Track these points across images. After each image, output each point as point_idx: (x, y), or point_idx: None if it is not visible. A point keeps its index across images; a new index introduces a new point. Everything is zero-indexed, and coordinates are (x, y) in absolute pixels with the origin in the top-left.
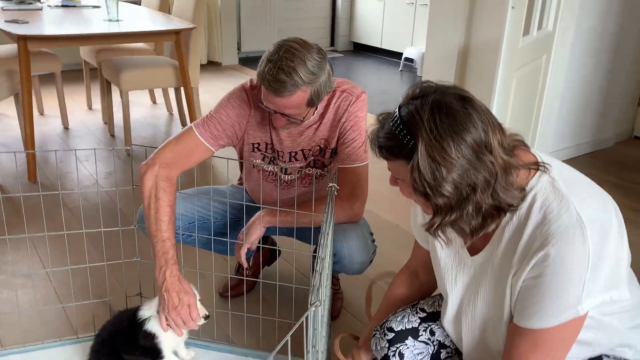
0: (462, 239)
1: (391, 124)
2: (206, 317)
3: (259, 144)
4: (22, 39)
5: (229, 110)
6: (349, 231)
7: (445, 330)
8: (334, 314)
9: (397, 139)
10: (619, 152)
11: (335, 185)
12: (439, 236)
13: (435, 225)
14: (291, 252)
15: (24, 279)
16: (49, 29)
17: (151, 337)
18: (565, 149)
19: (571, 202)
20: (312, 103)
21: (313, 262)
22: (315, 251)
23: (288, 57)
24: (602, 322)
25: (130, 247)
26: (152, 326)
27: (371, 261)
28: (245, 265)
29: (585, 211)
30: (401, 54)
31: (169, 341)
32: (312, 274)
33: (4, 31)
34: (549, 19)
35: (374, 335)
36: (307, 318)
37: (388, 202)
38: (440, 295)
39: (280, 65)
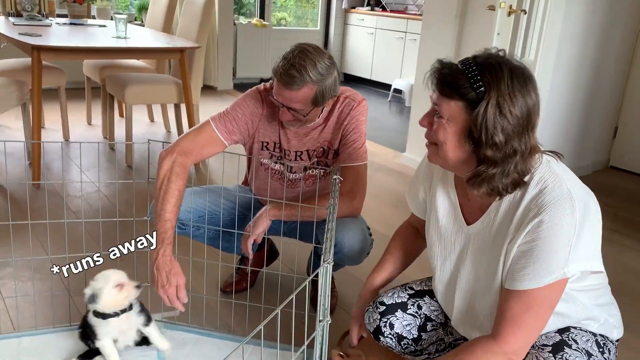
0: (472, 201)
1: (466, 66)
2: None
3: (267, 142)
4: (37, 50)
5: (244, 108)
6: (349, 223)
7: (431, 305)
8: (330, 310)
9: (467, 80)
10: (596, 179)
11: (340, 177)
12: (479, 191)
13: (478, 175)
14: (292, 251)
15: (34, 271)
16: (60, 42)
17: (86, 321)
18: None
19: (563, 180)
20: (316, 102)
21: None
22: (317, 243)
23: (301, 57)
24: (572, 296)
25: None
26: (90, 308)
27: (368, 252)
28: (250, 255)
29: (574, 189)
30: (390, 85)
31: (105, 327)
32: (324, 239)
33: (18, 42)
34: (531, 48)
35: (367, 309)
36: (320, 272)
37: (381, 216)
38: (428, 278)
39: (293, 62)
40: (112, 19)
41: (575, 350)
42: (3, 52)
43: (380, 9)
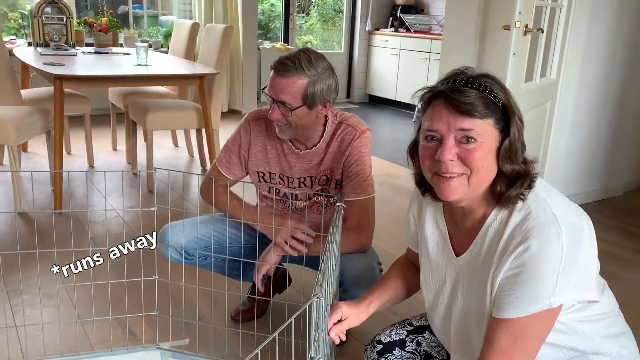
0: (461, 230)
1: (475, 85)
2: None
3: (263, 173)
4: (59, 79)
5: (236, 140)
6: (356, 260)
7: (432, 341)
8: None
9: (488, 99)
10: (628, 200)
11: (343, 204)
12: (515, 203)
13: (516, 192)
14: (301, 279)
15: (47, 298)
16: (82, 71)
17: None
18: (574, 195)
19: (547, 204)
20: (306, 99)
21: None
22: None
23: (299, 53)
24: (574, 328)
25: (149, 268)
26: None
27: None
28: (261, 289)
29: (559, 212)
30: (415, 106)
31: None
32: (318, 270)
33: (42, 72)
34: (552, 68)
35: (365, 349)
36: (310, 306)
37: (389, 235)
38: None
39: (290, 55)
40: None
41: None
42: (33, 82)
43: (404, 30)
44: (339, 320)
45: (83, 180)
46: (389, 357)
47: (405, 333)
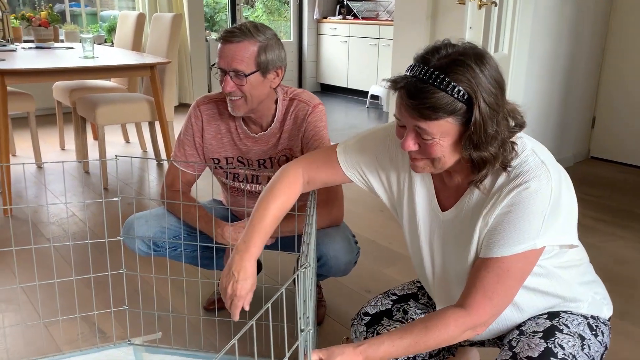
0: (448, 186)
1: (432, 77)
2: None
3: (218, 160)
4: (0, 74)
5: (187, 131)
6: (332, 234)
7: (417, 307)
8: (319, 320)
9: (449, 94)
10: (578, 171)
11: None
12: (478, 188)
13: (484, 176)
14: (276, 262)
15: (6, 303)
16: (26, 65)
17: None
18: None
19: (534, 152)
20: (260, 65)
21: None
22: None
23: (245, 23)
24: (553, 273)
25: (115, 262)
26: None
27: (355, 262)
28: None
29: (545, 158)
30: (367, 92)
31: None
32: (302, 245)
33: None
34: (504, 42)
35: (352, 323)
36: (297, 277)
37: (366, 221)
38: (409, 282)
39: (236, 25)
40: (80, 41)
41: (567, 334)
42: None
43: (352, 17)
44: None
45: (31, 182)
46: (378, 328)
47: (391, 303)
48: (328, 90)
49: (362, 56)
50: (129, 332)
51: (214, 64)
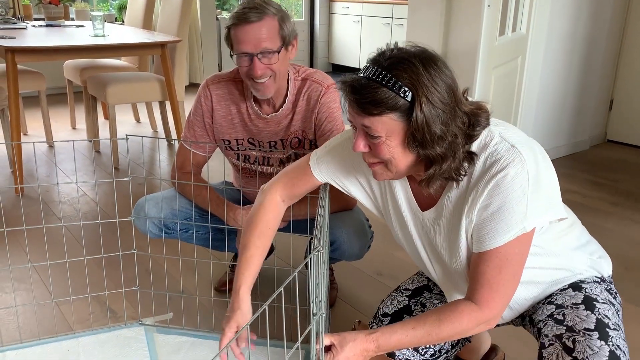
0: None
1: (377, 75)
2: None
3: (229, 141)
4: (10, 52)
5: (196, 111)
6: (345, 218)
7: (434, 298)
8: (330, 302)
9: (390, 89)
10: (594, 154)
11: None
12: (432, 188)
13: (431, 176)
14: (288, 245)
15: (18, 282)
16: (36, 43)
17: None
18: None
19: (502, 137)
20: (284, 39)
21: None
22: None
23: (251, 0)
24: (549, 249)
25: (126, 243)
26: None
27: (369, 246)
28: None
29: (514, 140)
30: None
31: None
32: (314, 228)
33: None
34: (522, 22)
35: (371, 326)
36: (310, 261)
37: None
38: (414, 275)
39: (245, 5)
40: (90, 20)
41: (603, 303)
42: None
43: None
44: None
45: (43, 161)
46: None
47: (407, 299)
48: (340, 71)
49: (374, 36)
50: (140, 313)
51: (234, 53)
